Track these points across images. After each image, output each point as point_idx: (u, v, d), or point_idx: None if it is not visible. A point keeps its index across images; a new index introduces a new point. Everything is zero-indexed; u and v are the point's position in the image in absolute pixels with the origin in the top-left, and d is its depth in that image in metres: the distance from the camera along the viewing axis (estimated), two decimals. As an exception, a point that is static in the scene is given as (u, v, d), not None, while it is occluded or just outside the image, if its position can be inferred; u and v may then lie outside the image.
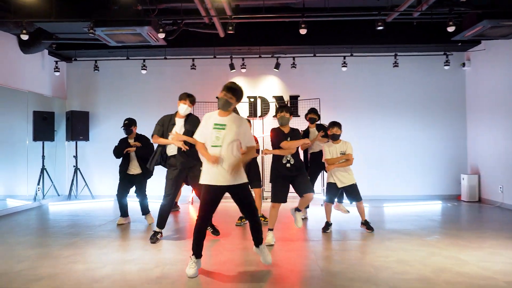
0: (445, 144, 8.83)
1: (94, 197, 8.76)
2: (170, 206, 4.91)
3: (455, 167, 8.82)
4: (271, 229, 4.86)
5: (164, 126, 4.96)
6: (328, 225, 5.47)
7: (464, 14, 6.25)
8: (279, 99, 8.92)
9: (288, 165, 4.73)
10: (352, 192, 5.37)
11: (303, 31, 5.77)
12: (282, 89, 8.96)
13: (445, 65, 8.20)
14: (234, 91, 3.66)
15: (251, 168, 5.78)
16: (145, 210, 6.06)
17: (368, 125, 8.75)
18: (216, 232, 5.24)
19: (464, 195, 8.43)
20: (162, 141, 4.87)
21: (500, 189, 7.65)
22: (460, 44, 8.09)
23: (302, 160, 5.69)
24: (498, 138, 7.72)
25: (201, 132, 3.73)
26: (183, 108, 4.90)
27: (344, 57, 8.20)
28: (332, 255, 4.38)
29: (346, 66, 8.20)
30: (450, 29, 5.70)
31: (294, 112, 8.77)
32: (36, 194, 8.12)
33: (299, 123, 8.54)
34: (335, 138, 5.41)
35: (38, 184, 8.17)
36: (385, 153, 8.78)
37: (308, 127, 6.46)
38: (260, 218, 5.48)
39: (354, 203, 5.45)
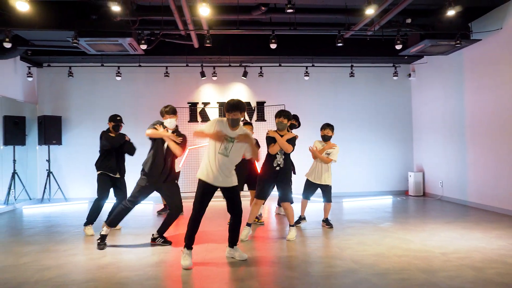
0: (394, 146, 9.92)
1: (67, 200, 8.95)
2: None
3: (403, 166, 9.93)
4: (249, 224, 5.23)
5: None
6: (300, 218, 6.09)
7: (409, 33, 7.27)
8: (247, 104, 9.59)
9: (277, 168, 5.14)
10: (326, 192, 5.91)
11: (273, 46, 6.48)
12: (249, 96, 9.64)
13: (393, 76, 9.29)
14: (238, 108, 3.99)
15: (250, 171, 6.10)
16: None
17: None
18: (167, 242, 4.98)
19: (411, 190, 9.54)
20: (156, 133, 4.70)
21: (440, 184, 8.80)
22: (406, 57, 9.19)
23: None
24: (438, 140, 8.88)
25: (209, 130, 4.02)
26: (173, 123, 4.83)
27: (307, 67, 9.04)
28: (304, 241, 5.10)
29: (308, 76, 9.04)
30: (398, 46, 6.66)
31: (259, 117, 9.51)
32: (8, 198, 8.20)
33: (266, 127, 9.26)
34: (326, 139, 5.97)
35: (10, 188, 8.25)
36: (342, 155, 9.68)
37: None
38: (255, 220, 6.01)
39: (324, 202, 6.00)
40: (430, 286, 3.37)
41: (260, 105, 9.61)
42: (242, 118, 4.18)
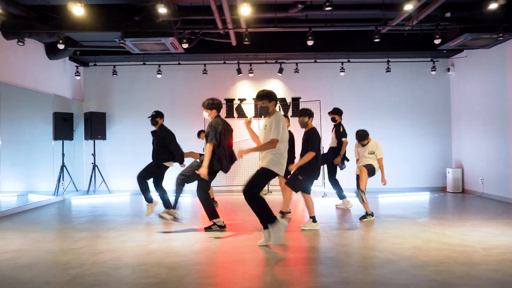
0: (432, 141, 9.76)
1: (111, 192, 9.44)
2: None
3: (441, 162, 9.75)
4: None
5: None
6: (367, 214, 6.06)
7: (448, 27, 7.15)
8: (282, 101, 9.73)
9: None
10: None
11: (310, 43, 6.59)
12: (285, 92, 9.78)
13: (432, 70, 9.13)
14: (261, 97, 4.54)
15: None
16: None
17: (363, 125, 9.57)
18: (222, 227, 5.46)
19: (449, 186, 9.36)
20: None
21: (481, 181, 8.59)
22: (445, 51, 9.01)
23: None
24: (479, 136, 8.67)
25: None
26: (205, 115, 5.51)
27: (342, 62, 9.06)
28: (340, 233, 5.20)
29: (344, 71, 9.06)
30: (437, 41, 6.58)
31: (295, 112, 9.61)
32: (57, 189, 8.77)
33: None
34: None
35: (59, 180, 8.82)
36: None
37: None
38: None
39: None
40: (470, 278, 3.41)
41: (295, 100, 9.72)
42: (280, 110, 4.47)
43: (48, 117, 8.63)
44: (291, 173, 5.51)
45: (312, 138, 5.35)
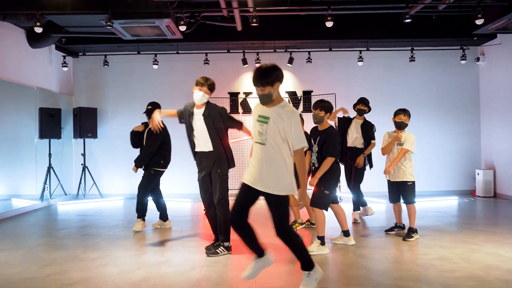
0: (458, 139, 8.76)
1: (102, 196, 8.53)
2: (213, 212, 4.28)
3: (469, 163, 8.76)
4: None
5: (184, 113, 4.26)
6: (395, 226, 5.13)
7: (488, 7, 6.15)
8: (292, 94, 8.77)
9: (313, 167, 4.44)
10: (404, 192, 4.87)
11: (329, 24, 5.63)
12: (295, 84, 8.81)
13: (461, 59, 8.11)
14: (258, 80, 2.90)
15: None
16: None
17: (383, 121, 8.62)
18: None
19: (479, 190, 8.37)
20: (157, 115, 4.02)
21: (518, 184, 7.61)
22: (475, 38, 8.00)
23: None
24: (515, 133, 7.68)
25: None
26: (198, 96, 4.10)
27: (360, 51, 8.07)
28: (370, 253, 4.25)
29: (362, 61, 8.07)
30: (479, 21, 5.59)
31: (306, 108, 8.65)
32: (43, 193, 7.87)
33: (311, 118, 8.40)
34: (401, 127, 4.96)
35: (45, 183, 7.92)
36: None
37: (355, 118, 5.88)
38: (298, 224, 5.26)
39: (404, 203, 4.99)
40: None
41: (307, 94, 8.75)
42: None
43: (32, 113, 7.71)
44: (314, 188, 4.32)
45: (332, 140, 4.26)
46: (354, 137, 5.76)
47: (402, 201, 4.96)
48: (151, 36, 6.52)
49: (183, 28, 5.75)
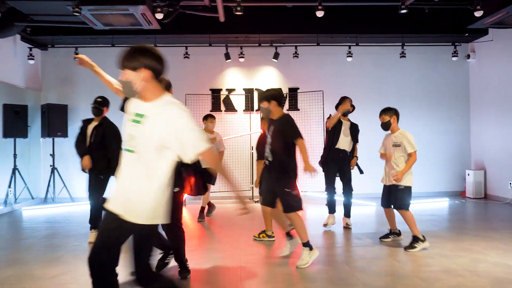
0: (448, 139, 8.50)
1: (73, 200, 7.89)
2: None
3: (458, 163, 8.51)
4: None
5: None
6: (390, 233, 4.73)
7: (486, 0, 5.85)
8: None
9: (266, 162, 4.01)
10: (395, 196, 4.52)
11: (319, 14, 5.21)
12: (280, 81, 8.37)
13: (453, 56, 7.85)
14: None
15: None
16: None
17: (371, 119, 8.29)
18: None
19: (469, 191, 8.12)
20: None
21: (510, 185, 7.36)
22: (467, 34, 7.74)
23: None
24: (506, 132, 7.44)
25: None
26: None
27: (350, 46, 7.69)
28: (367, 265, 3.83)
29: (351, 56, 7.70)
30: (478, 13, 5.28)
31: (293, 106, 8.23)
32: (7, 197, 7.19)
33: (300, 117, 8.04)
34: (385, 127, 4.70)
35: (10, 186, 7.24)
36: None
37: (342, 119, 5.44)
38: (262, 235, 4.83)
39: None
40: None
41: (293, 91, 8.32)
42: None
43: (-7, 110, 7.04)
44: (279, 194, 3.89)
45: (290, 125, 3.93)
46: (344, 140, 5.34)
47: None
48: (125, 26, 5.96)
49: (160, 16, 5.23)
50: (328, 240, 4.84)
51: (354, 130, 5.44)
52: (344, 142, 5.31)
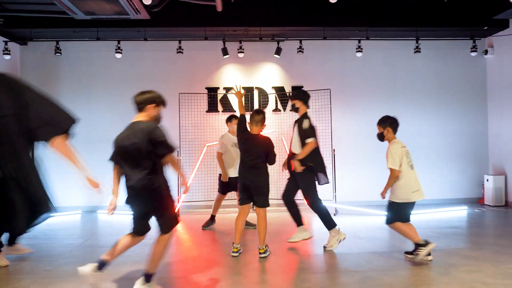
0: (464, 141, 7.87)
1: (56, 210, 7.16)
2: None
3: (475, 167, 7.87)
4: None
5: None
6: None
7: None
8: (279, 90, 7.67)
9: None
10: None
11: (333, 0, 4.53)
12: (283, 79, 7.71)
13: (471, 51, 7.21)
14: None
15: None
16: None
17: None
18: None
19: (488, 198, 7.49)
20: None
21: (535, 193, 6.75)
22: (486, 28, 7.12)
23: None
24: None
25: None
26: None
27: (359, 40, 7.04)
28: (371, 281, 3.16)
29: (361, 51, 7.04)
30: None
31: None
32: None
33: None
34: (380, 138, 4.50)
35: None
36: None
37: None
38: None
39: None
40: None
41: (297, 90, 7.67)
42: None
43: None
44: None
45: None
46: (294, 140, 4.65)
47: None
48: (109, 15, 5.26)
49: (148, 1, 4.53)
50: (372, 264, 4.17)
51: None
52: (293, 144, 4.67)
